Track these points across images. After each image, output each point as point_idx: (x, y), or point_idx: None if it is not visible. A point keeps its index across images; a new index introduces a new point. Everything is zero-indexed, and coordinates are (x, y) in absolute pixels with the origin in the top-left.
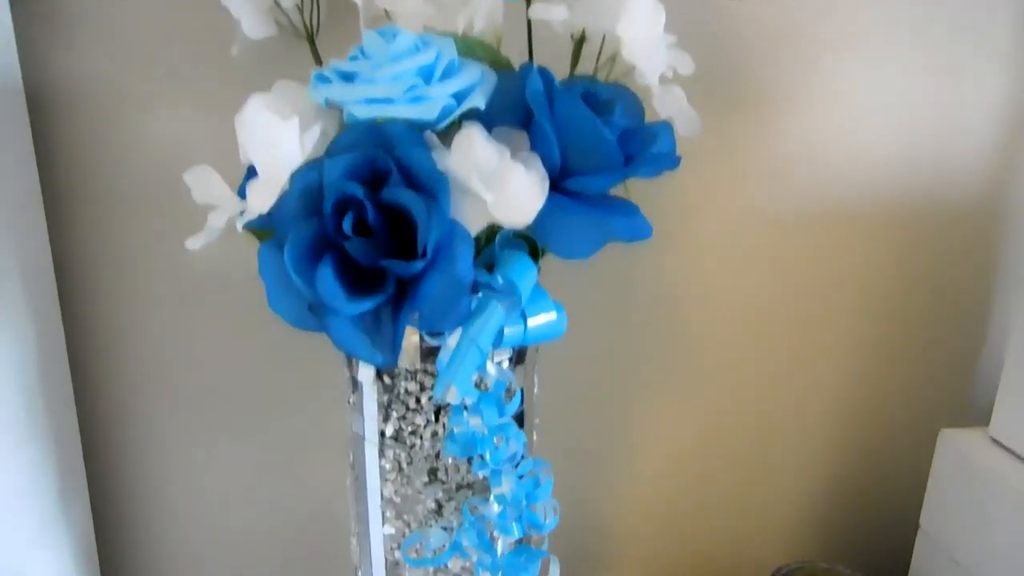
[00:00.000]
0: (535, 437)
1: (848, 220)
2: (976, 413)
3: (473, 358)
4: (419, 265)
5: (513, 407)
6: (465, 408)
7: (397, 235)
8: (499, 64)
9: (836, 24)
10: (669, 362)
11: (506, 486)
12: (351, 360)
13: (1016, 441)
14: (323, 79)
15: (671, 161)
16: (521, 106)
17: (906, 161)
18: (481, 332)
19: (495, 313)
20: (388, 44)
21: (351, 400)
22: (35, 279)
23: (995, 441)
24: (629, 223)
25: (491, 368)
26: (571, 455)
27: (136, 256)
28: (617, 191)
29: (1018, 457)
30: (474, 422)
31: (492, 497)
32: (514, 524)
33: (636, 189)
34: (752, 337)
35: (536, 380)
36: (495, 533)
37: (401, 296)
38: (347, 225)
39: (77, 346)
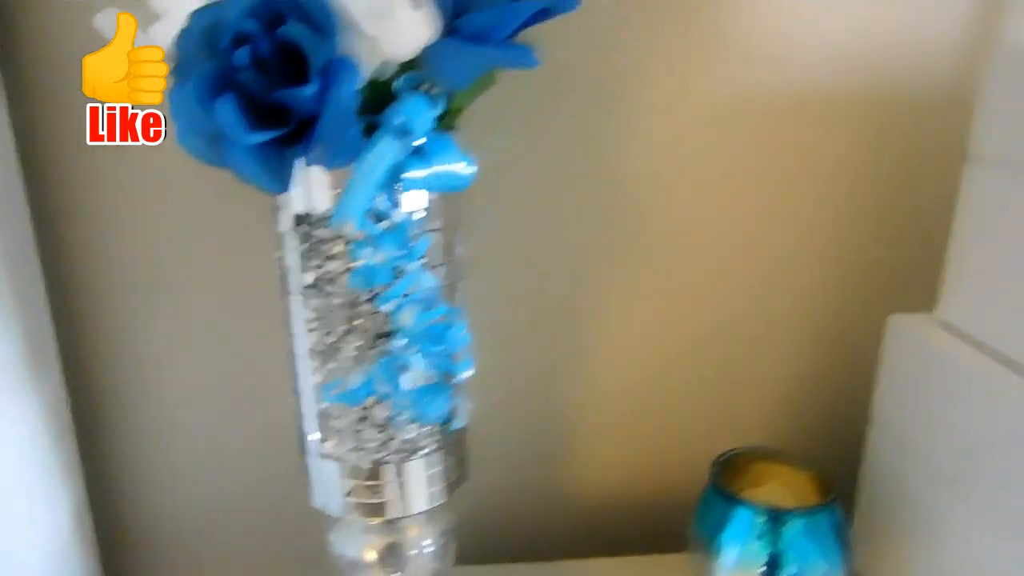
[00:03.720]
0: (457, 293)
1: (811, 108)
2: None
3: (366, 190)
4: (306, 91)
5: (420, 248)
6: (370, 244)
7: (296, 74)
8: None
9: None
10: (637, 247)
11: (407, 319)
12: (277, 213)
13: (962, 320)
14: None
15: (559, 6)
16: None
17: (873, 48)
18: (373, 165)
19: (387, 147)
20: None
21: (277, 255)
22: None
23: (942, 323)
24: (511, 52)
25: (397, 209)
26: (542, 337)
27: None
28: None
29: (963, 337)
30: (377, 258)
31: (396, 330)
32: (417, 357)
33: (593, 75)
34: (716, 224)
35: (461, 238)
36: (405, 368)
37: (300, 133)
38: (241, 57)
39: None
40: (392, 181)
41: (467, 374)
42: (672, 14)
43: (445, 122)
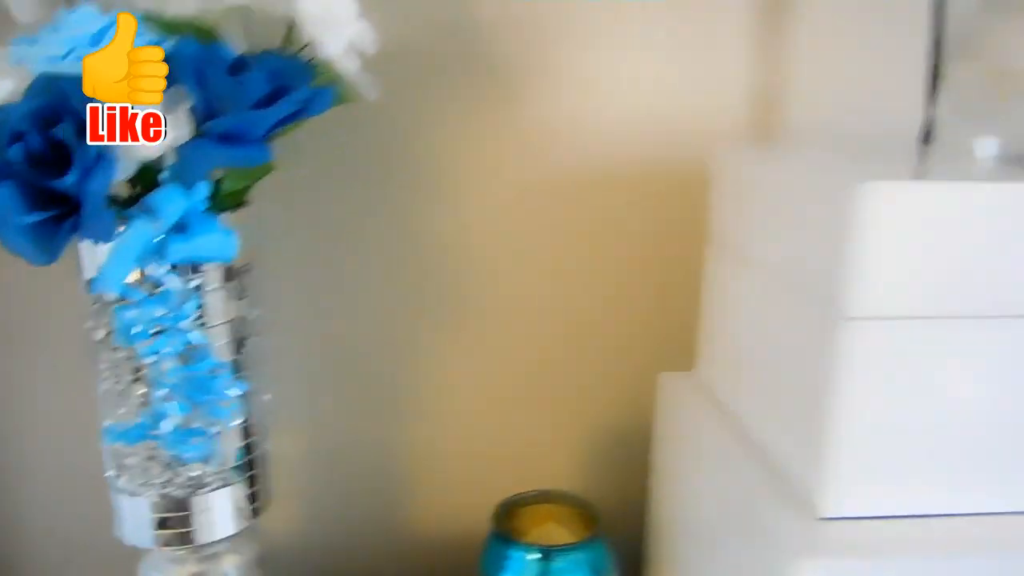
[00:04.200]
0: (246, 347)
1: (590, 187)
2: None
3: (121, 264)
4: (66, 181)
5: (187, 310)
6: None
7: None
8: (207, 39)
9: (579, 8)
10: (449, 313)
11: (165, 371)
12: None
13: (711, 382)
14: (17, 43)
15: (308, 110)
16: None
17: (643, 135)
18: (127, 243)
19: (141, 228)
20: (68, 16)
21: None
22: None
23: (699, 383)
24: (239, 153)
25: (167, 277)
26: (372, 402)
27: None
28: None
29: (711, 397)
30: (138, 318)
31: (156, 380)
32: (176, 404)
33: (411, 165)
34: (525, 291)
35: (249, 302)
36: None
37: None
38: (15, 152)
39: None
40: (152, 255)
41: (234, 422)
42: (483, 100)
43: (230, 200)
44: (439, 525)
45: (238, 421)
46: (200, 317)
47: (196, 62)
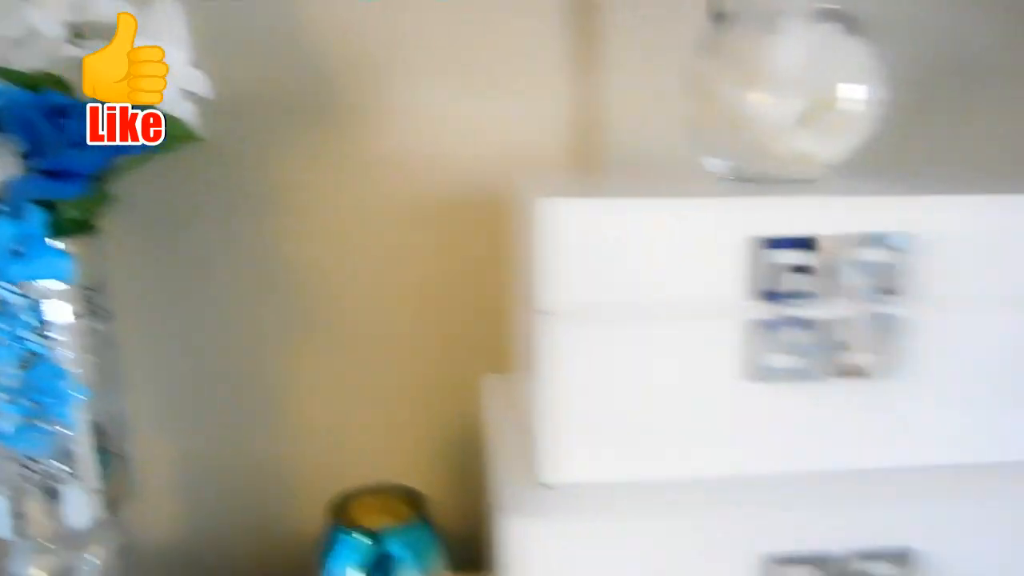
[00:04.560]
0: (92, 359)
1: (423, 212)
2: None
3: None
4: None
5: (23, 324)
6: None
7: None
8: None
9: (409, 52)
10: (300, 328)
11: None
12: None
13: (519, 379)
14: None
15: (129, 149)
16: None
17: (469, 165)
18: None
19: None
20: None
21: None
22: None
23: (512, 382)
24: (58, 187)
25: (5, 294)
26: (233, 409)
27: None
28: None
29: (516, 393)
30: None
31: None
32: (13, 406)
33: (262, 195)
34: (356, 304)
35: (98, 317)
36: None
37: None
38: None
39: None
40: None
41: (75, 422)
42: (324, 138)
43: (74, 227)
44: (298, 519)
45: (84, 422)
46: (42, 329)
47: (21, 108)
